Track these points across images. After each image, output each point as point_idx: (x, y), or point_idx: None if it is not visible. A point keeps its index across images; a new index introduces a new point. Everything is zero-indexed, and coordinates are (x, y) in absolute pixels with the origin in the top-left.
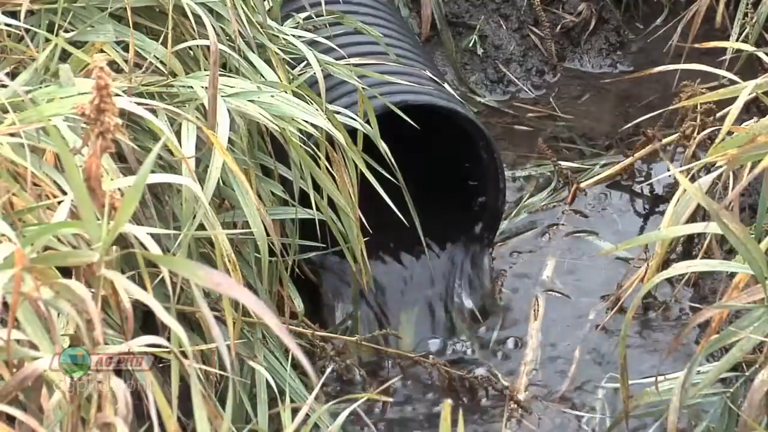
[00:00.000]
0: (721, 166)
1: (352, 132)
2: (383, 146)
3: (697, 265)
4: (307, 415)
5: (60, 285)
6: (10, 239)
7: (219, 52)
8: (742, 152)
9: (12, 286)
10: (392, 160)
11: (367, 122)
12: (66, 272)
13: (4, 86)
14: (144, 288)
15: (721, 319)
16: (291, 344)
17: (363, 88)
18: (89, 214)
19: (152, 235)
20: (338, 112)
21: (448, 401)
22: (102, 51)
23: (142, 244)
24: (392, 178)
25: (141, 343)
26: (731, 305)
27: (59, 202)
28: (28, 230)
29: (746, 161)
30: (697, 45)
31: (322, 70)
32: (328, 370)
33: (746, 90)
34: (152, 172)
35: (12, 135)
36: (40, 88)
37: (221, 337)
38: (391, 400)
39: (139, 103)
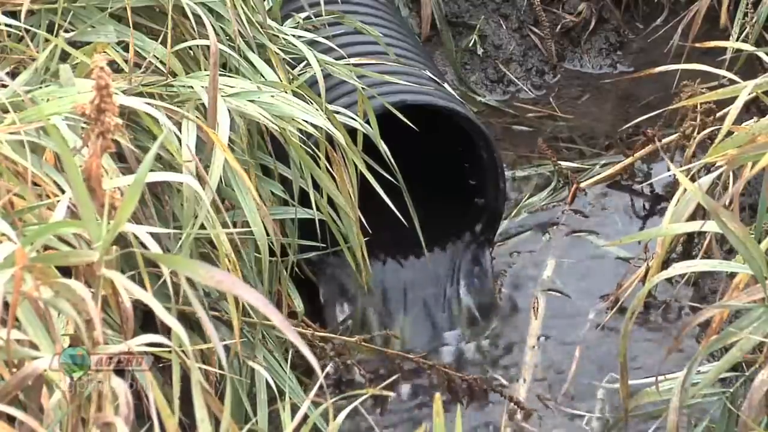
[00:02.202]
0: (721, 167)
1: (352, 132)
2: (383, 147)
3: (697, 265)
4: (306, 416)
5: (60, 284)
6: (10, 238)
7: (219, 53)
8: (741, 152)
9: (12, 286)
10: (392, 161)
11: (367, 122)
12: (65, 272)
13: (5, 86)
14: (144, 288)
15: (721, 319)
16: (296, 340)
17: (363, 88)
18: (89, 213)
19: (152, 235)
20: (338, 112)
21: (438, 394)
22: (104, 52)
23: (142, 244)
24: (392, 179)
25: (141, 342)
26: (731, 305)
27: (59, 202)
28: (28, 230)
29: (746, 161)
30: (697, 45)
31: (321, 70)
32: (327, 368)
33: (746, 90)
34: (152, 171)
35: (12, 135)
36: (40, 88)
37: (217, 338)
38: (392, 394)
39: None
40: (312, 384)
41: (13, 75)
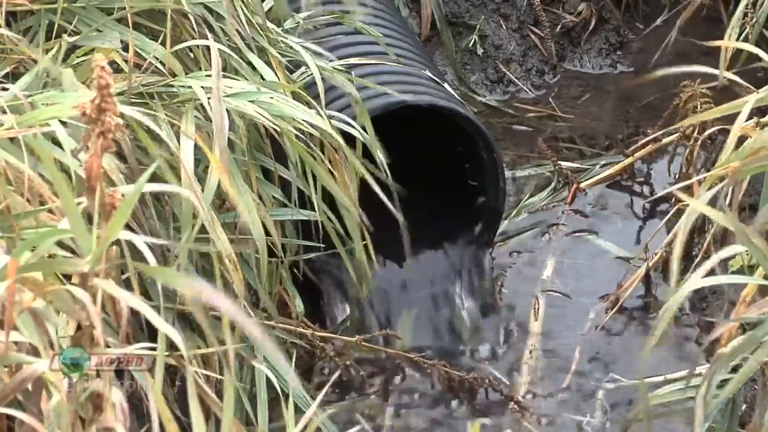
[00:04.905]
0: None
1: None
2: (380, 155)
3: (713, 280)
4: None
5: (53, 294)
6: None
7: (218, 54)
8: (744, 165)
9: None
10: (386, 168)
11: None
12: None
13: (5, 89)
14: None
15: (730, 334)
16: (271, 349)
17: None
18: (79, 224)
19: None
20: (334, 117)
21: (477, 423)
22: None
23: (137, 249)
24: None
25: (138, 347)
26: (745, 318)
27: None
28: (25, 233)
29: (748, 174)
30: (697, 42)
31: (320, 72)
32: (334, 373)
33: (748, 105)
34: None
35: (11, 139)
36: (41, 93)
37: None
38: (391, 407)
39: (138, 104)
40: (313, 385)
41: (13, 75)
